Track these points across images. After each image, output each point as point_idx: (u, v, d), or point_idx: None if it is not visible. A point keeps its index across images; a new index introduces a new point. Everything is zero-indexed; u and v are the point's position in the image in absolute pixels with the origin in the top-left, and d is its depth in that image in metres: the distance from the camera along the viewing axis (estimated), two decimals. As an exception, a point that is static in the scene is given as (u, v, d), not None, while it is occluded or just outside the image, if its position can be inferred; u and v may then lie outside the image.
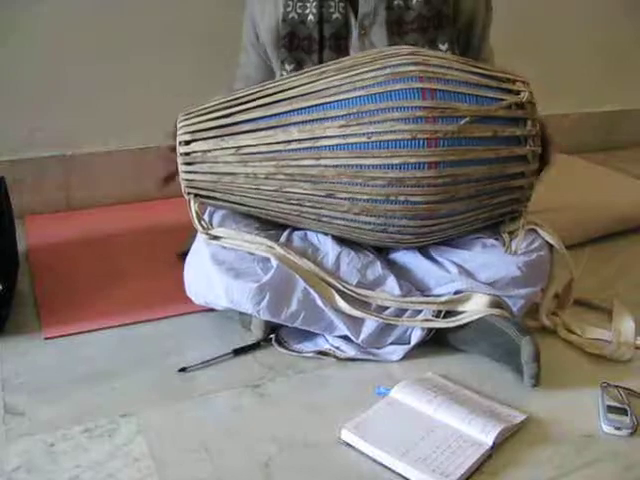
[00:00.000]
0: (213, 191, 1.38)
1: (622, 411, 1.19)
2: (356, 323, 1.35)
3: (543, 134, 1.36)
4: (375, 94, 1.30)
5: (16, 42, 1.91)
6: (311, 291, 1.33)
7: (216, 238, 1.39)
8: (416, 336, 1.36)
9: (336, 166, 1.30)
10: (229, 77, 1.68)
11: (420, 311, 1.36)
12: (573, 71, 2.58)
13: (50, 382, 1.28)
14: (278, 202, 1.36)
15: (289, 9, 1.50)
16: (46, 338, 1.41)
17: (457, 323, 1.34)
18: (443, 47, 1.48)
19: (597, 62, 2.65)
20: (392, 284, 1.37)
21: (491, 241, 1.42)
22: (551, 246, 1.43)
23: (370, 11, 1.48)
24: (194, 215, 1.39)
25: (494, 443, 1.10)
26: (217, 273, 1.35)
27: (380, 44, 1.48)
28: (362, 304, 1.35)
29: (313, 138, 1.30)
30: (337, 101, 1.31)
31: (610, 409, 1.20)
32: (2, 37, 1.89)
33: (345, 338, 1.37)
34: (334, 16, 1.48)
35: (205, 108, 1.37)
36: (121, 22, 1.98)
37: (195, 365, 1.32)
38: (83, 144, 2.05)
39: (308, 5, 1.49)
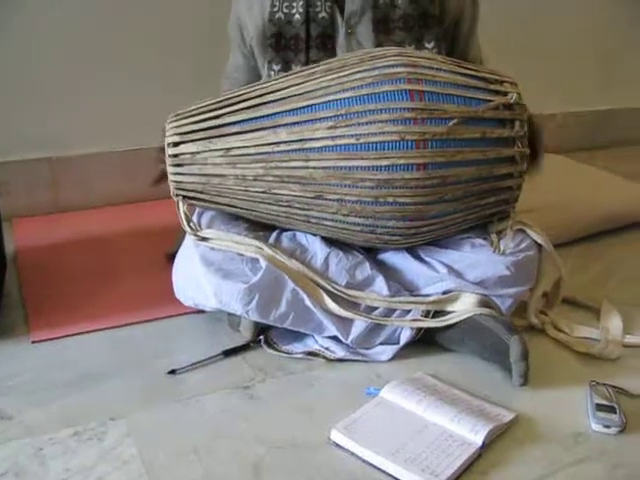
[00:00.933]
0: (202, 193, 1.37)
1: (611, 409, 1.20)
2: (345, 323, 1.35)
3: (532, 129, 1.37)
4: (363, 95, 1.30)
5: (3, 44, 1.90)
6: (300, 291, 1.33)
7: (205, 239, 1.39)
8: (405, 336, 1.36)
9: (325, 168, 1.30)
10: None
11: (409, 311, 1.36)
12: (559, 71, 2.59)
13: (38, 385, 1.27)
14: (267, 203, 1.35)
15: (275, 9, 1.50)
16: (34, 341, 1.40)
17: (446, 323, 1.34)
18: (429, 45, 1.49)
19: (583, 62, 2.67)
20: (381, 284, 1.37)
21: (480, 241, 1.43)
22: (539, 245, 1.44)
23: (357, 10, 1.48)
24: (183, 216, 1.39)
25: (484, 442, 1.11)
26: (206, 274, 1.35)
27: (367, 42, 1.49)
28: (351, 304, 1.35)
29: (302, 140, 1.30)
30: (325, 102, 1.31)
31: (599, 407, 1.20)
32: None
33: (334, 339, 1.37)
34: (321, 15, 1.48)
35: (194, 110, 1.37)
36: (111, 24, 1.98)
37: (184, 367, 1.32)
38: (72, 146, 2.05)
39: (294, 5, 1.49)
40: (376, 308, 1.36)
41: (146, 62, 2.03)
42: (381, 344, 1.37)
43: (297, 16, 1.49)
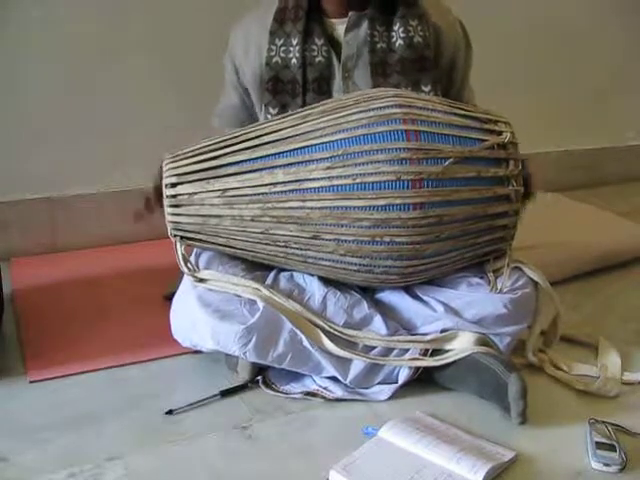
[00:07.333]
0: (199, 233, 1.38)
1: (611, 447, 1.19)
2: (343, 363, 1.34)
3: (524, 168, 1.38)
4: (359, 136, 1.31)
5: (3, 86, 1.92)
6: (298, 332, 1.33)
7: (202, 281, 1.39)
8: (403, 375, 1.36)
9: (321, 208, 1.31)
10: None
11: (407, 350, 1.36)
12: (554, 109, 2.62)
13: (35, 426, 1.26)
14: (264, 244, 1.36)
15: (272, 53, 1.52)
16: (31, 381, 1.40)
17: (444, 361, 1.34)
18: (426, 88, 1.50)
19: (578, 100, 2.69)
20: (379, 323, 1.38)
21: (476, 280, 1.43)
22: (536, 283, 1.44)
23: (353, 54, 1.50)
24: (180, 257, 1.40)
25: (483, 482, 1.10)
26: (203, 315, 1.34)
27: (364, 86, 1.50)
28: (349, 344, 1.35)
29: (298, 180, 1.31)
30: (322, 143, 1.32)
31: (598, 445, 1.19)
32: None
33: (333, 378, 1.37)
34: (317, 59, 1.50)
35: (191, 150, 1.38)
36: (110, 68, 2.00)
37: (182, 407, 1.31)
38: (70, 186, 2.06)
39: (291, 49, 1.51)
40: (374, 347, 1.36)
41: (144, 103, 2.05)
42: (379, 383, 1.37)
43: (294, 60, 1.51)
